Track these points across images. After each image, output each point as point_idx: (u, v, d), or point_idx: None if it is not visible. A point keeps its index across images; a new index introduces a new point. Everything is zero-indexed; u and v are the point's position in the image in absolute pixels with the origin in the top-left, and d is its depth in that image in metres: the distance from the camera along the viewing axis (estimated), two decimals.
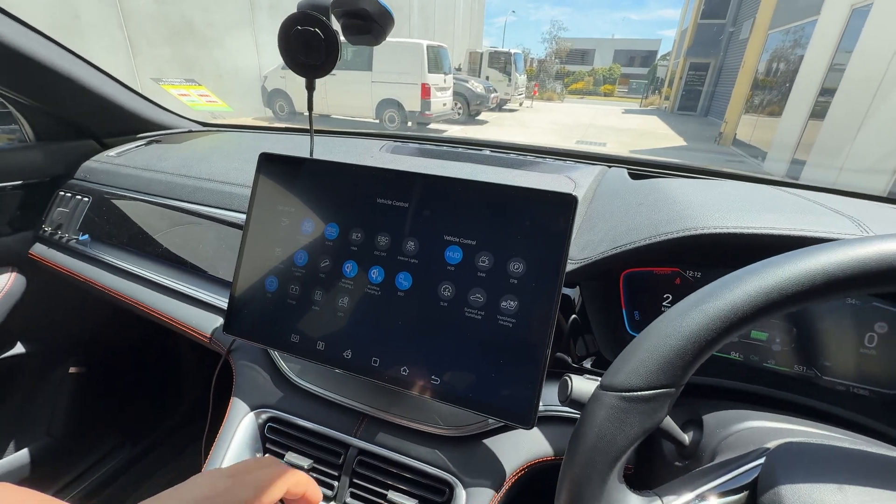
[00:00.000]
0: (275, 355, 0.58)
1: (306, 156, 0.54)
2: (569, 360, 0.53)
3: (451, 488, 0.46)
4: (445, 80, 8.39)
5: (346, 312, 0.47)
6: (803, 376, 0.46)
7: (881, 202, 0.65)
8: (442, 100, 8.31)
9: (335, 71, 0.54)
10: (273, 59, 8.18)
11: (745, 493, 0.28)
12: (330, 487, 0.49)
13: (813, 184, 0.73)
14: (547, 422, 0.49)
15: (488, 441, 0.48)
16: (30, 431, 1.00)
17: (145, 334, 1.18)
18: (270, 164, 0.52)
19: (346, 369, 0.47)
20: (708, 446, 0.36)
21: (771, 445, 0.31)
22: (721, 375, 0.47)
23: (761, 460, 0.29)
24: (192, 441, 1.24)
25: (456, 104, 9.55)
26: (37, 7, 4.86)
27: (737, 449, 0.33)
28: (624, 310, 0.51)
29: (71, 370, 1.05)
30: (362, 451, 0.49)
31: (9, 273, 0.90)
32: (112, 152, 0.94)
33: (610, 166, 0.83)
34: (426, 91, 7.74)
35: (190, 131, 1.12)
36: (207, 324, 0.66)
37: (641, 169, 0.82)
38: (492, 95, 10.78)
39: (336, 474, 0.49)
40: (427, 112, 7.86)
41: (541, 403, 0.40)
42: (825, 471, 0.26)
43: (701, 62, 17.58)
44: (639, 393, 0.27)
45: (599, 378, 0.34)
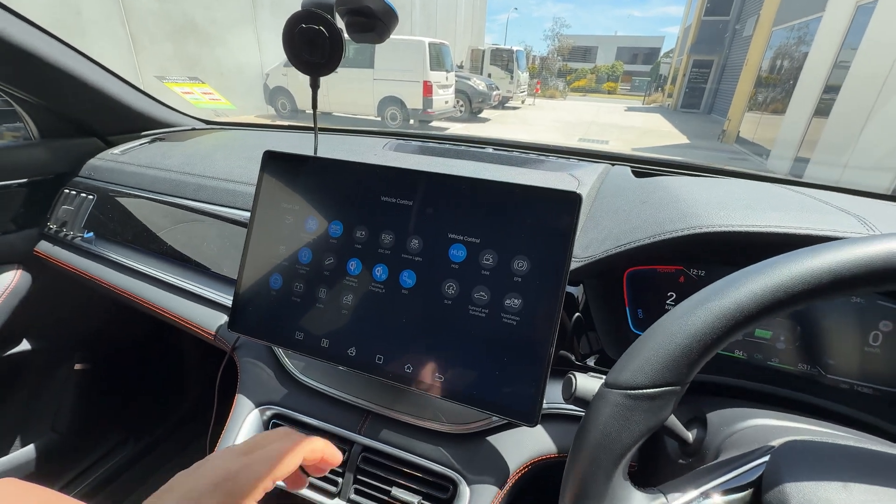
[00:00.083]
0: (279, 352, 0.58)
1: (310, 154, 0.54)
2: (572, 358, 0.53)
3: (455, 485, 0.46)
4: (447, 78, 8.37)
5: (351, 310, 0.47)
6: (807, 374, 0.46)
7: (886, 200, 0.65)
8: (444, 97, 8.29)
9: (337, 68, 0.54)
10: (275, 57, 8.18)
11: (750, 491, 0.28)
12: (334, 484, 0.49)
13: (817, 182, 0.73)
14: (550, 419, 0.49)
15: (492, 438, 0.48)
16: (35, 427, 1.01)
17: (149, 331, 1.19)
18: (274, 162, 0.52)
19: (351, 367, 0.47)
20: (712, 444, 0.36)
21: (775, 443, 0.31)
22: (725, 373, 0.47)
23: (765, 458, 0.29)
24: (197, 437, 1.25)
25: (458, 102, 9.52)
26: (39, 4, 4.86)
27: (741, 447, 0.33)
28: (627, 308, 0.51)
29: (76, 367, 1.06)
30: (367, 448, 0.49)
31: (14, 270, 0.91)
32: (116, 150, 0.94)
33: (613, 164, 0.82)
34: (428, 88, 7.72)
35: (193, 129, 1.12)
36: (212, 321, 0.67)
37: (645, 167, 0.82)
38: (494, 93, 10.75)
39: (340, 471, 0.49)
40: (429, 110, 7.85)
41: (544, 401, 0.40)
42: (830, 469, 0.26)
43: (704, 59, 17.49)
44: (644, 391, 0.27)
45: (603, 376, 0.34)
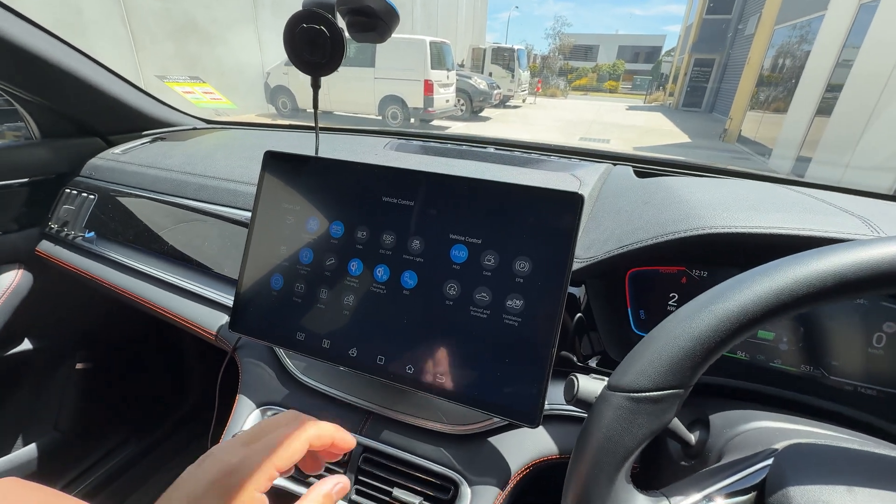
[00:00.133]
0: (280, 353, 0.58)
1: (311, 154, 0.53)
2: (574, 359, 0.53)
3: (457, 486, 0.46)
4: (448, 77, 8.36)
5: (352, 311, 0.47)
6: (810, 376, 0.46)
7: (889, 201, 0.65)
8: (445, 96, 8.28)
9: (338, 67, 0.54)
10: (276, 56, 8.18)
11: (753, 494, 0.27)
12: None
13: (819, 182, 0.73)
14: (552, 420, 0.49)
15: (493, 439, 0.48)
16: (37, 426, 1.01)
17: (151, 331, 1.19)
18: (275, 162, 0.52)
19: (352, 367, 0.47)
20: (714, 446, 0.36)
21: (779, 446, 0.30)
22: (727, 375, 0.47)
23: (769, 461, 0.29)
24: (198, 436, 1.25)
25: (459, 101, 9.52)
26: (40, 4, 4.86)
27: (744, 449, 0.33)
28: (629, 309, 0.51)
29: (77, 366, 1.06)
30: (368, 449, 0.49)
31: (15, 270, 0.91)
32: (117, 150, 0.94)
33: (615, 164, 0.82)
34: (429, 87, 7.72)
35: (195, 129, 1.12)
36: (213, 321, 0.67)
37: (647, 167, 0.82)
38: (495, 92, 10.73)
39: (342, 472, 0.49)
40: (430, 108, 7.84)
41: (546, 402, 0.40)
42: (834, 472, 0.26)
43: (706, 58, 17.45)
44: (647, 394, 0.27)
45: (605, 378, 0.34)
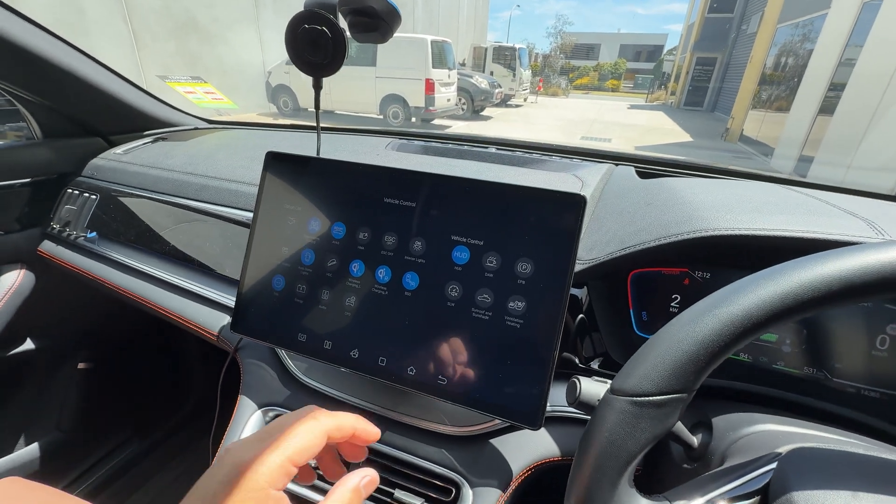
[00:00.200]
0: (282, 354, 0.58)
1: (312, 154, 0.53)
2: (576, 361, 0.53)
3: (458, 488, 0.46)
4: (449, 76, 8.35)
5: (353, 312, 0.47)
6: (813, 378, 0.46)
7: (893, 202, 0.64)
8: (446, 95, 8.28)
9: None
10: (277, 55, 8.18)
11: (757, 499, 0.27)
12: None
13: (822, 182, 0.73)
14: (554, 422, 0.49)
15: (495, 441, 0.48)
16: (39, 426, 1.01)
17: (153, 331, 1.19)
18: (277, 163, 0.52)
19: (353, 369, 0.47)
20: (717, 449, 0.36)
21: (782, 450, 0.30)
22: (730, 377, 0.47)
23: (772, 465, 0.28)
24: (200, 436, 1.25)
25: (460, 100, 9.51)
26: (41, 3, 4.87)
27: (747, 453, 0.33)
28: (632, 310, 0.51)
29: (80, 366, 1.06)
30: (369, 450, 0.49)
31: (18, 270, 0.91)
32: (119, 150, 0.94)
33: (617, 164, 0.82)
34: (430, 87, 7.71)
35: (196, 128, 1.12)
36: (215, 322, 0.67)
37: (649, 167, 0.82)
38: (496, 91, 10.72)
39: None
40: (431, 108, 7.84)
41: (548, 404, 0.40)
42: (838, 478, 0.25)
43: (708, 57, 17.41)
44: (650, 398, 0.27)
45: (607, 380, 0.34)
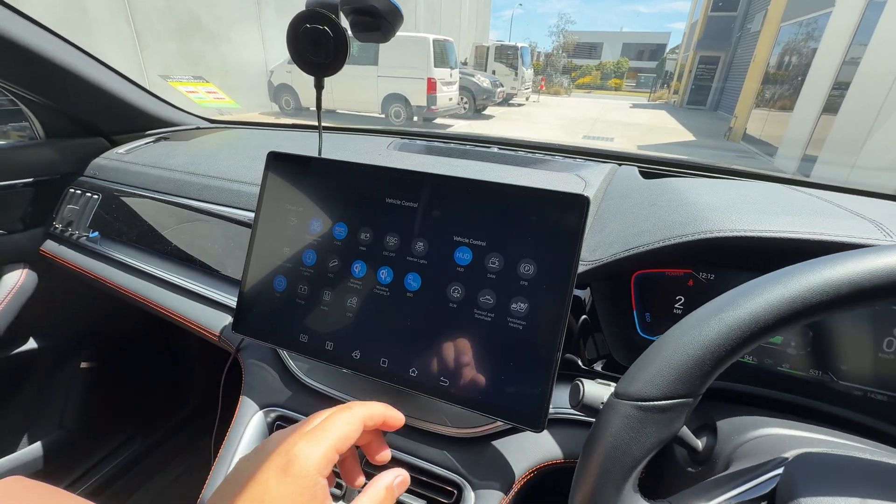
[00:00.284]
0: (283, 354, 0.58)
1: (314, 154, 0.53)
2: (578, 362, 0.52)
3: (460, 490, 0.45)
4: (451, 75, 8.34)
5: (355, 313, 0.47)
6: (819, 380, 0.45)
7: None
8: (448, 94, 8.27)
9: None
10: (279, 54, 8.19)
11: None
12: (339, 487, 0.49)
13: (827, 182, 0.72)
14: (557, 424, 0.48)
15: (497, 443, 0.48)
16: (42, 425, 1.02)
17: (155, 330, 1.19)
18: (278, 163, 0.52)
19: (355, 370, 0.47)
20: (722, 453, 0.35)
21: (789, 455, 0.30)
22: (734, 379, 0.46)
23: (779, 470, 0.28)
24: (202, 435, 1.25)
25: (462, 99, 9.50)
26: (44, 3, 4.89)
27: (753, 457, 0.32)
28: (635, 311, 0.51)
29: (82, 365, 1.07)
30: None
31: (21, 269, 0.91)
32: (121, 149, 0.94)
33: (620, 164, 0.81)
34: (432, 86, 7.71)
35: (198, 128, 1.12)
36: (216, 322, 0.66)
37: (652, 167, 0.81)
38: (498, 90, 10.71)
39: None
40: (433, 107, 7.83)
41: (551, 406, 0.40)
42: (846, 483, 0.25)
43: (711, 56, 17.35)
44: (655, 403, 0.27)
45: (610, 383, 0.33)
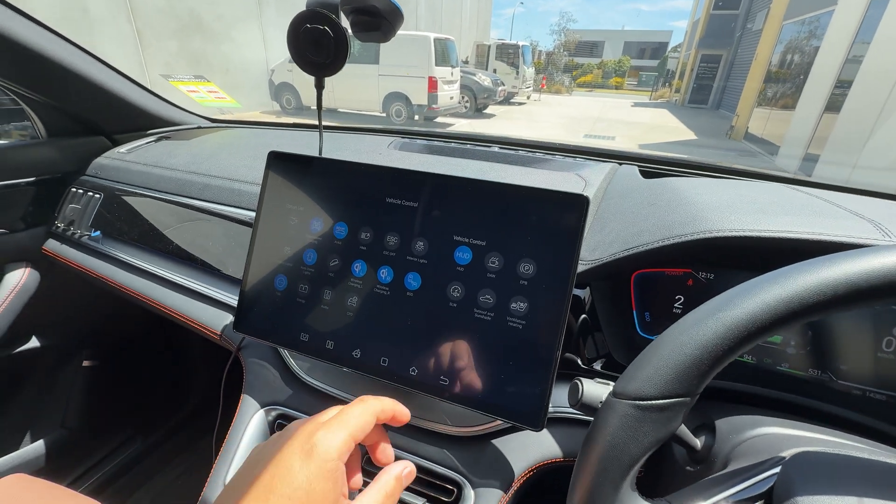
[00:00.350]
0: (284, 353, 0.58)
1: (315, 153, 0.53)
2: (578, 361, 0.53)
3: (460, 488, 0.46)
4: (452, 74, 8.33)
5: (355, 312, 0.47)
6: (818, 380, 0.45)
7: None
8: (449, 93, 8.26)
9: None
10: (280, 53, 8.19)
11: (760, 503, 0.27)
12: None
13: (828, 182, 0.72)
14: (556, 423, 0.49)
15: (497, 441, 0.48)
16: (44, 423, 1.02)
17: (156, 329, 1.20)
18: (279, 163, 0.52)
19: (355, 369, 0.47)
20: (720, 452, 0.36)
21: (786, 454, 0.30)
22: (733, 378, 0.47)
23: (776, 469, 0.28)
24: (203, 434, 1.26)
25: (463, 97, 9.49)
26: (45, 2, 4.89)
27: (751, 456, 0.32)
28: (634, 311, 0.51)
29: (84, 363, 1.07)
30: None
31: (23, 268, 0.92)
32: (122, 149, 0.95)
33: (621, 163, 0.81)
34: (433, 84, 7.70)
35: (199, 127, 1.12)
36: (217, 321, 0.67)
37: (653, 166, 0.81)
38: (499, 88, 10.69)
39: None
40: (434, 105, 7.83)
41: (550, 405, 0.40)
42: (844, 483, 0.25)
43: (713, 54, 17.28)
44: (653, 402, 0.27)
45: (610, 382, 0.33)
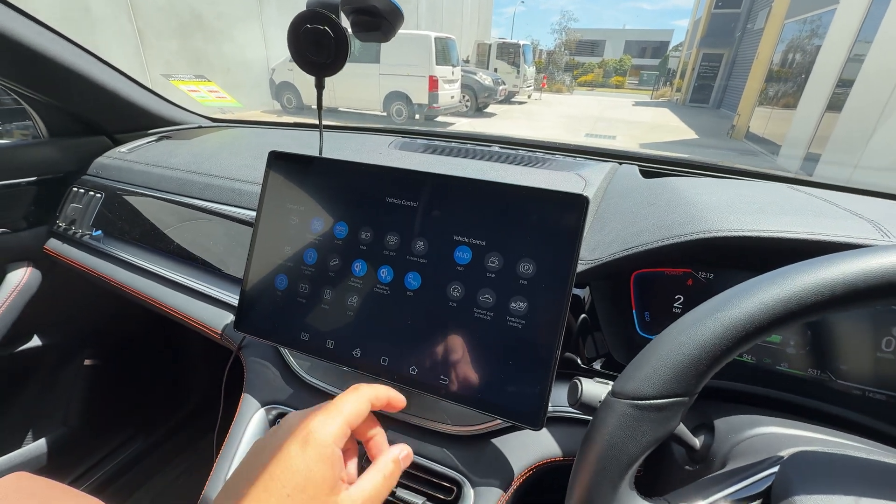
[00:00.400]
0: (285, 352, 0.59)
1: (315, 153, 0.53)
2: (578, 361, 0.53)
3: (460, 487, 0.46)
4: (453, 73, 8.32)
5: (356, 311, 0.47)
6: (817, 380, 0.45)
7: None
8: (450, 92, 8.26)
9: None
10: (281, 52, 8.19)
11: (759, 503, 0.27)
12: None
13: (829, 182, 0.72)
14: (556, 422, 0.49)
15: (497, 440, 0.48)
16: (46, 422, 1.03)
17: (157, 328, 1.20)
18: (280, 163, 0.52)
19: (355, 368, 0.47)
20: (719, 451, 0.36)
21: (785, 454, 0.30)
22: (733, 378, 0.47)
23: (775, 469, 0.28)
24: (204, 433, 1.26)
25: (464, 97, 9.49)
26: (47, 2, 4.90)
27: (749, 456, 0.32)
28: (634, 310, 0.51)
29: (86, 363, 1.07)
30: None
31: (24, 268, 0.92)
32: (123, 148, 0.95)
33: (621, 163, 0.81)
34: (434, 83, 7.69)
35: (200, 127, 1.12)
36: (218, 320, 0.67)
37: (653, 166, 0.81)
38: (500, 87, 10.69)
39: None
40: (435, 105, 7.82)
41: (550, 404, 0.40)
42: (841, 482, 0.25)
43: (714, 53, 17.24)
44: (651, 401, 0.27)
45: (609, 381, 0.34)
